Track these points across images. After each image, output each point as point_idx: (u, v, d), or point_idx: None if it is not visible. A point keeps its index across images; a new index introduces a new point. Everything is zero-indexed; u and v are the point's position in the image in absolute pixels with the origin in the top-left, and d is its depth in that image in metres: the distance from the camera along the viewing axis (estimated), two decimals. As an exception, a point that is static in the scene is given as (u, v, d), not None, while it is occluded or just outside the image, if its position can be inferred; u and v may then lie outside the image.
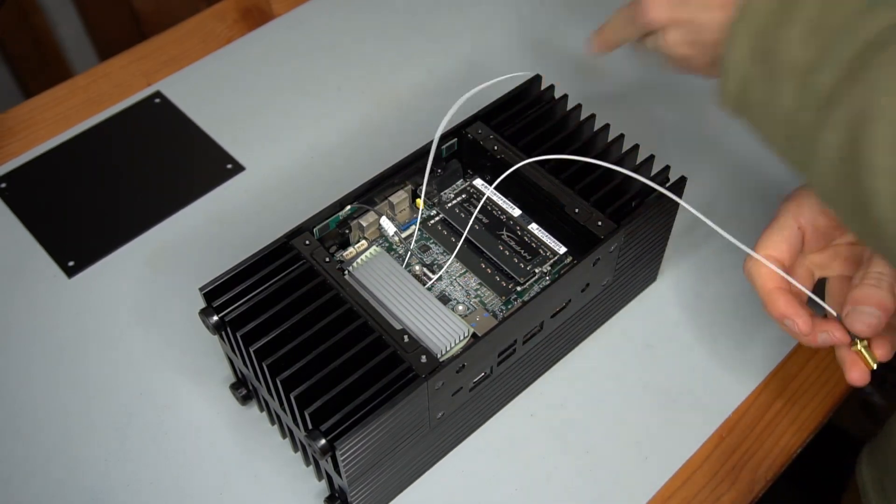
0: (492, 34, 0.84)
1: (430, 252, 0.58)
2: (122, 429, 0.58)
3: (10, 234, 0.69)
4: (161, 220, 0.69)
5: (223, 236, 0.68)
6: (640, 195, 0.57)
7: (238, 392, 0.57)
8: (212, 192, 0.71)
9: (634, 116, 0.74)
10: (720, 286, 0.65)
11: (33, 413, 0.59)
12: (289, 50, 0.83)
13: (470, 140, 0.60)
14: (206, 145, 0.75)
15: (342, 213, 0.56)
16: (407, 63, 0.81)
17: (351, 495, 0.50)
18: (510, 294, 0.55)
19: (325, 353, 0.49)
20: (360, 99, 0.78)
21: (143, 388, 0.60)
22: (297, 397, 0.47)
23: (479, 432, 0.58)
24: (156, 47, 0.83)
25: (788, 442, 0.58)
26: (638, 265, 0.60)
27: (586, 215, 0.55)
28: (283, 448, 0.57)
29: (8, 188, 0.72)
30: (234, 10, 0.87)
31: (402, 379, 0.48)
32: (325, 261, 0.53)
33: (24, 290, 0.65)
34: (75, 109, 0.78)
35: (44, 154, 0.74)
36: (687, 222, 0.67)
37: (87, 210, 0.70)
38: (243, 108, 0.78)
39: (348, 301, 0.51)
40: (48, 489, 0.56)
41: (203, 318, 0.50)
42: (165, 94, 0.78)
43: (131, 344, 0.62)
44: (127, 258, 0.67)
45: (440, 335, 0.51)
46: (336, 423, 0.46)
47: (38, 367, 0.61)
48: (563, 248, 0.57)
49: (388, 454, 0.50)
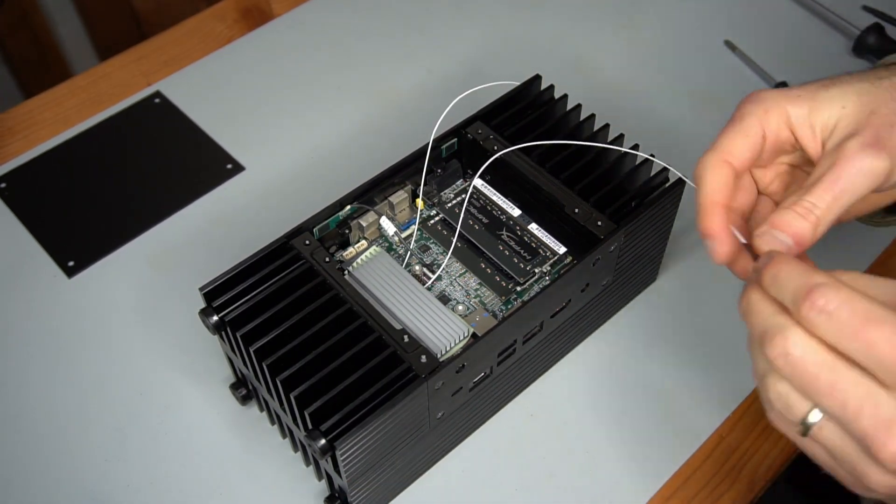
0: (492, 34, 0.84)
1: (429, 252, 0.58)
2: (122, 429, 0.58)
3: (10, 234, 0.69)
4: (161, 220, 0.70)
5: (223, 236, 0.68)
6: (640, 195, 0.57)
7: (238, 392, 0.57)
8: (212, 192, 0.71)
9: (634, 116, 0.74)
10: (720, 286, 0.65)
11: (33, 413, 0.59)
12: (289, 50, 0.83)
13: (470, 140, 0.60)
14: (206, 145, 0.75)
15: (342, 213, 0.56)
16: (407, 63, 0.81)
17: (351, 495, 0.50)
18: (510, 294, 0.55)
19: (325, 353, 0.49)
20: (360, 99, 0.78)
21: (143, 388, 0.60)
22: (297, 397, 0.47)
23: (479, 432, 0.58)
24: (156, 47, 0.83)
25: (788, 442, 0.58)
26: (638, 265, 0.60)
27: (586, 215, 0.55)
28: (283, 448, 0.57)
29: (8, 188, 0.72)
30: (234, 10, 0.87)
31: (402, 379, 0.48)
32: (325, 261, 0.53)
33: (23, 290, 0.65)
34: (75, 109, 0.78)
35: (44, 154, 0.74)
36: (687, 222, 0.67)
37: (87, 210, 0.70)
38: (243, 108, 0.78)
39: (348, 301, 0.51)
40: (48, 489, 0.56)
41: (203, 318, 0.50)
42: (165, 94, 0.78)
43: (131, 344, 0.62)
44: (127, 258, 0.67)
45: (440, 335, 0.51)
46: (336, 423, 0.46)
47: (37, 366, 0.61)
48: (563, 248, 0.57)
49: (388, 454, 0.50)
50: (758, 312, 0.36)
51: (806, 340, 0.34)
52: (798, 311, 0.34)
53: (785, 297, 0.35)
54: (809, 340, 0.34)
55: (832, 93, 0.43)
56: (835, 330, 0.33)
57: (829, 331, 0.33)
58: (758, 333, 0.36)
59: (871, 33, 0.79)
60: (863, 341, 0.32)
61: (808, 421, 0.35)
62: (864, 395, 0.32)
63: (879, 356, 0.32)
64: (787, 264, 0.35)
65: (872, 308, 0.33)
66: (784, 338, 0.34)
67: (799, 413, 0.35)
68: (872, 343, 0.32)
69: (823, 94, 0.43)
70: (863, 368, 0.33)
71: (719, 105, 0.77)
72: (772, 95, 0.44)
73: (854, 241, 0.67)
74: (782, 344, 0.34)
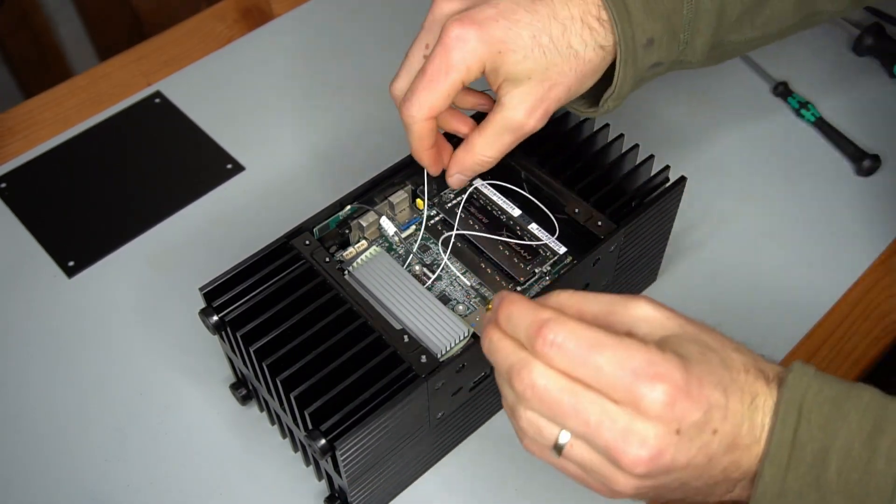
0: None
1: (430, 252, 0.58)
2: (122, 429, 0.58)
3: (10, 234, 0.69)
4: (161, 220, 0.70)
5: (223, 236, 0.68)
6: (640, 195, 0.57)
7: (238, 392, 0.57)
8: (212, 192, 0.71)
9: (634, 116, 0.74)
10: (720, 286, 0.65)
11: (33, 413, 0.59)
12: (289, 50, 0.83)
13: (470, 140, 0.60)
14: (206, 145, 0.75)
15: (342, 213, 0.56)
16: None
17: (351, 495, 0.50)
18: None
19: (325, 353, 0.49)
20: (360, 99, 0.78)
21: (143, 388, 0.60)
22: (297, 397, 0.47)
23: (479, 432, 0.58)
24: (156, 47, 0.83)
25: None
26: (638, 265, 0.60)
27: (586, 215, 0.55)
28: (283, 448, 0.57)
29: (8, 188, 0.72)
30: (234, 10, 0.87)
31: (402, 379, 0.48)
32: (325, 261, 0.53)
33: (23, 290, 0.65)
34: (75, 109, 0.78)
35: (44, 154, 0.74)
36: (687, 222, 0.67)
37: (87, 210, 0.70)
38: (243, 108, 0.78)
39: (348, 301, 0.51)
40: (48, 489, 0.56)
41: (203, 318, 0.50)
42: (165, 94, 0.78)
43: (131, 344, 0.62)
44: (127, 258, 0.67)
45: (440, 335, 0.51)
46: (336, 423, 0.46)
47: (37, 366, 0.61)
48: (563, 248, 0.57)
49: (388, 454, 0.50)
50: (500, 350, 0.39)
51: (546, 371, 0.37)
52: (533, 348, 0.38)
53: (520, 334, 0.38)
54: (549, 371, 0.37)
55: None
56: (567, 360, 0.37)
57: (562, 361, 0.37)
58: (504, 369, 0.39)
59: (871, 33, 0.79)
60: (591, 367, 0.37)
61: (559, 442, 0.38)
62: (601, 412, 0.37)
63: (606, 377, 0.36)
64: (516, 304, 0.39)
65: (594, 335, 0.37)
66: (528, 371, 0.38)
67: (550, 436, 0.38)
68: (599, 367, 0.36)
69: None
70: (597, 389, 0.37)
71: (719, 105, 0.77)
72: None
73: (854, 241, 0.68)
74: (528, 377, 0.38)
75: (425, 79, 0.49)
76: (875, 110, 0.76)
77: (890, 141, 0.73)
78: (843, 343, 0.63)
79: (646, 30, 0.49)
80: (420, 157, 0.54)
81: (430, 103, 0.50)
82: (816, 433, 0.38)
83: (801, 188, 0.71)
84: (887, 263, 0.67)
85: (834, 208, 0.70)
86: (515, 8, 0.48)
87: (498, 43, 0.48)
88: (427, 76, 0.49)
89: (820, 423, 0.38)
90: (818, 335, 0.63)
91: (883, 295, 0.65)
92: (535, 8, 0.48)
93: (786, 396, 0.38)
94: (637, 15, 0.48)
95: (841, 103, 0.76)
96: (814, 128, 0.75)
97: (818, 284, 0.65)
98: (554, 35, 0.48)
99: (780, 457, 0.38)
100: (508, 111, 0.50)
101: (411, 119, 0.50)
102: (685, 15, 0.51)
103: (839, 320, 0.64)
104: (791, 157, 0.73)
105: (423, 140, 0.52)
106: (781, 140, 0.74)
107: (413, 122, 0.51)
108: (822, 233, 0.68)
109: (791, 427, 0.38)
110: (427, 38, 0.52)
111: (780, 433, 0.38)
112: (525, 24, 0.48)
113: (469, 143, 0.53)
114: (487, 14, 0.48)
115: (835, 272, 0.66)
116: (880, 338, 0.63)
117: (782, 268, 0.66)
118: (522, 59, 0.48)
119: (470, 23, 0.48)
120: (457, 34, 0.48)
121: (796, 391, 0.38)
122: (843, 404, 0.38)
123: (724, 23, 0.53)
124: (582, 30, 0.48)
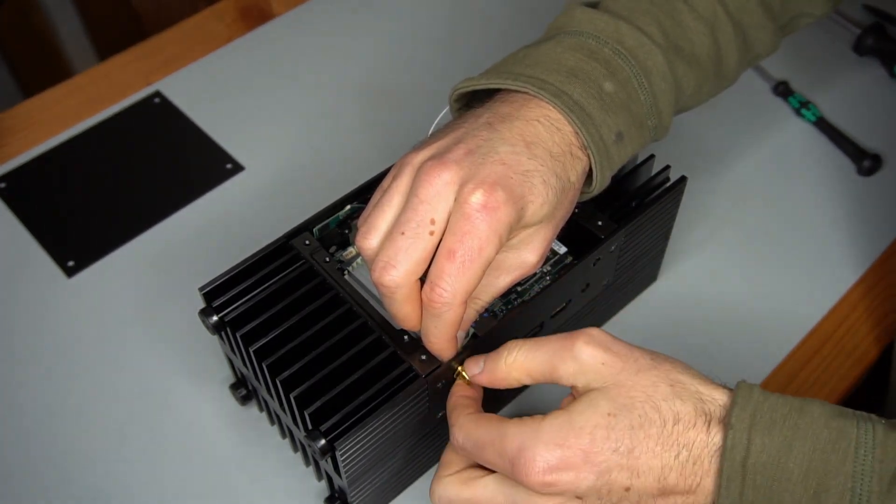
0: (492, 33, 0.84)
1: (430, 252, 0.58)
2: (122, 429, 0.58)
3: (9, 234, 0.69)
4: (161, 220, 0.69)
5: (223, 236, 0.68)
6: (640, 195, 0.57)
7: (238, 392, 0.57)
8: (212, 192, 0.71)
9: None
10: (720, 286, 0.65)
11: (33, 413, 0.59)
12: (289, 50, 0.83)
13: (470, 140, 0.60)
14: (205, 145, 0.75)
15: (342, 212, 0.56)
16: (407, 63, 0.81)
17: (351, 495, 0.50)
18: (510, 294, 0.55)
19: (325, 353, 0.49)
20: (360, 98, 0.78)
21: (143, 389, 0.60)
22: (296, 397, 0.47)
23: (479, 432, 0.58)
24: (155, 47, 0.83)
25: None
26: (638, 265, 0.60)
27: (586, 215, 0.55)
28: (283, 448, 0.57)
29: (8, 188, 0.72)
30: (234, 9, 0.86)
31: (402, 379, 0.48)
32: (324, 261, 0.53)
33: (23, 290, 0.65)
34: (75, 109, 0.78)
35: (43, 154, 0.74)
36: (687, 222, 0.67)
37: (87, 210, 0.70)
38: (243, 108, 0.78)
39: (348, 301, 0.51)
40: (48, 489, 0.55)
41: (203, 318, 0.50)
42: (165, 94, 0.78)
43: (131, 344, 0.62)
44: (127, 258, 0.67)
45: (440, 335, 0.51)
46: (336, 424, 0.46)
47: (37, 366, 0.61)
48: (563, 248, 0.57)
49: (388, 454, 0.50)
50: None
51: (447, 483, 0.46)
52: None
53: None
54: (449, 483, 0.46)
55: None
56: (468, 456, 0.46)
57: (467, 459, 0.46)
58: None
59: (872, 33, 0.79)
60: (484, 462, 0.44)
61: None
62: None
63: (498, 470, 0.43)
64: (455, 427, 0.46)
65: (478, 434, 0.44)
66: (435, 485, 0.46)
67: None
68: (489, 462, 0.43)
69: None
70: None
71: (720, 104, 0.77)
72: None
73: (855, 241, 0.67)
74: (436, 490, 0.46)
75: (456, 262, 0.42)
76: (876, 110, 0.76)
77: (891, 140, 0.73)
78: (843, 343, 0.63)
79: (610, 126, 0.48)
80: (411, 322, 0.46)
81: (466, 288, 0.43)
82: (762, 495, 0.39)
83: (801, 188, 0.71)
84: (888, 263, 0.67)
85: (834, 208, 0.70)
86: (519, 158, 0.45)
87: (519, 200, 0.44)
88: (458, 258, 0.42)
89: (765, 484, 0.39)
90: (819, 335, 0.63)
91: (884, 294, 0.65)
92: (535, 153, 0.45)
93: (727, 457, 0.40)
94: (597, 115, 0.47)
95: (842, 103, 0.76)
96: (814, 127, 0.75)
97: (819, 284, 0.65)
98: (559, 173, 0.46)
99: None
100: (524, 255, 0.47)
101: (444, 307, 0.43)
102: (643, 101, 0.50)
103: (840, 320, 0.64)
104: (792, 156, 0.73)
105: (415, 301, 0.45)
106: (782, 140, 0.74)
107: (447, 309, 0.44)
108: (822, 232, 0.68)
109: (736, 490, 0.39)
110: (402, 186, 0.45)
111: (724, 497, 0.40)
112: (533, 171, 0.45)
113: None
114: (499, 172, 0.44)
115: (835, 272, 0.66)
116: (881, 337, 0.63)
117: (783, 268, 0.66)
118: (539, 208, 0.45)
119: (490, 188, 0.43)
120: (483, 202, 0.43)
121: (737, 452, 0.39)
122: (787, 459, 0.39)
123: (682, 96, 0.53)
124: (573, 162, 0.47)
